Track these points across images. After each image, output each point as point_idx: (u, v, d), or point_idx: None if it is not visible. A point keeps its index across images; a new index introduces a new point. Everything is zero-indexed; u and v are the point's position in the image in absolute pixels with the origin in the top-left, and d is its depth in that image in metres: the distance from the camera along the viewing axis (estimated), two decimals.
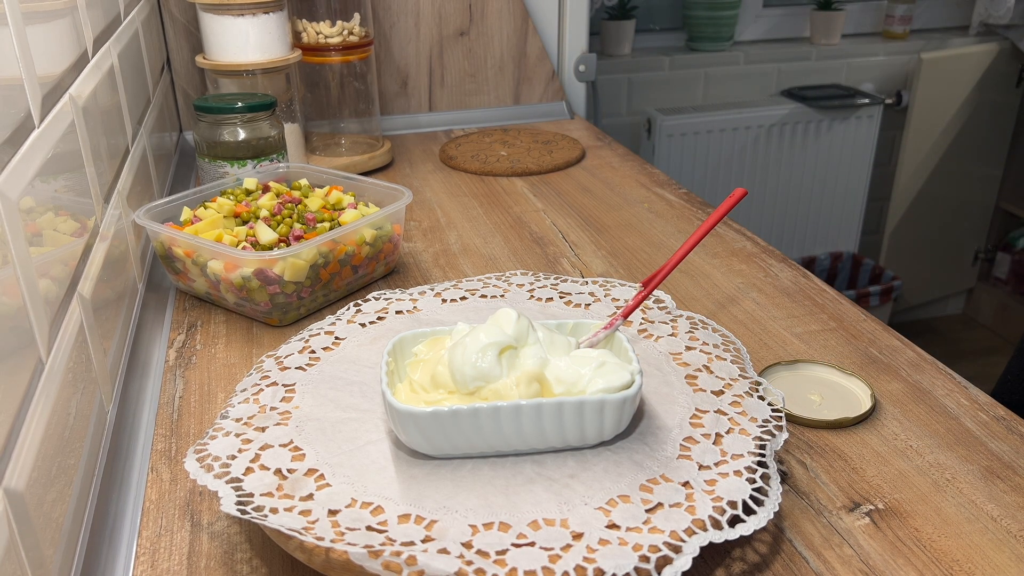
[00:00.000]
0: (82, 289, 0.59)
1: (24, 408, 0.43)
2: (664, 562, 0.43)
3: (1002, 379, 0.93)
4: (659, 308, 0.70)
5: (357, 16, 1.19)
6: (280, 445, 0.52)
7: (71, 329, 0.54)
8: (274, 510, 0.47)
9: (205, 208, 0.83)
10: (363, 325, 0.68)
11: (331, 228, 0.80)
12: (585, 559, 0.43)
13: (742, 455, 0.51)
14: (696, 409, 0.56)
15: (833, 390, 0.65)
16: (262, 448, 0.52)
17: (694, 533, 0.45)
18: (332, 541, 0.44)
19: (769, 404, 0.56)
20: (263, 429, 0.54)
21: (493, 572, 0.42)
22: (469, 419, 0.49)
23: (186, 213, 0.83)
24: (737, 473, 0.49)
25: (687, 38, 2.42)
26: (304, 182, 0.89)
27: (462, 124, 1.45)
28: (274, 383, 0.59)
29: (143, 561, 0.51)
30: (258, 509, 0.47)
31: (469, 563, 0.43)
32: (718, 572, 0.49)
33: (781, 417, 0.55)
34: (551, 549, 0.44)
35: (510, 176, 1.18)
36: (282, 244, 0.77)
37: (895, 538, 0.51)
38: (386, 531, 0.45)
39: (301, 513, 0.46)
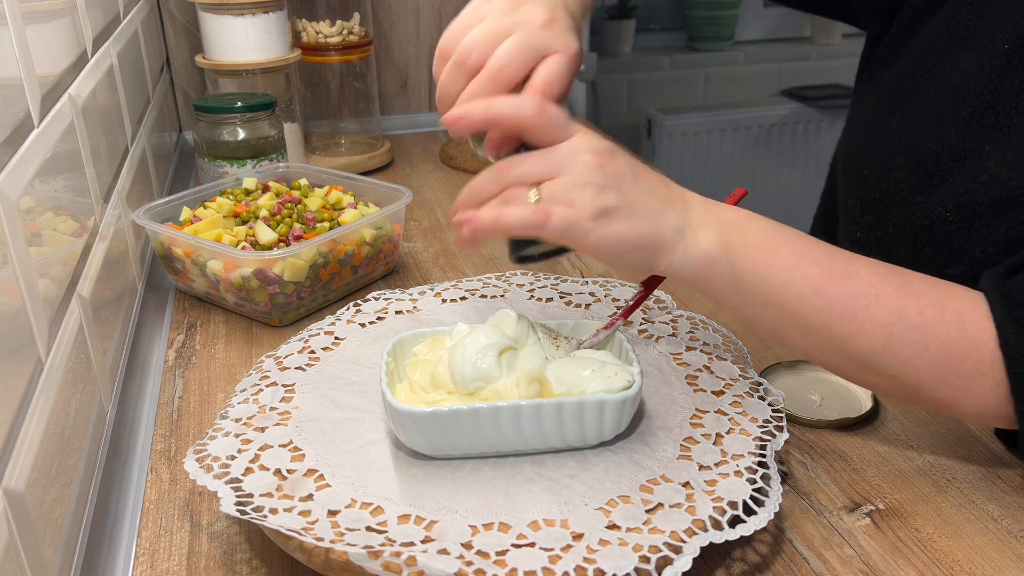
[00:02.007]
0: (81, 289, 0.59)
1: (24, 408, 0.43)
2: (664, 562, 0.43)
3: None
4: (659, 308, 0.70)
5: (357, 16, 1.19)
6: (280, 445, 0.52)
7: (70, 329, 0.54)
8: (274, 510, 0.47)
9: (205, 208, 0.83)
10: (363, 325, 0.68)
11: (331, 228, 0.80)
12: (585, 559, 0.43)
13: (742, 455, 0.51)
14: (696, 409, 0.56)
15: (833, 390, 0.65)
16: (262, 448, 0.52)
17: (694, 533, 0.45)
18: (332, 542, 0.43)
19: (770, 404, 0.56)
20: (263, 429, 0.54)
21: (493, 572, 0.42)
22: (469, 419, 0.49)
23: (186, 213, 0.83)
24: (737, 473, 0.49)
25: (687, 38, 2.42)
26: (304, 182, 0.89)
27: None
28: (274, 383, 0.59)
29: (143, 561, 0.51)
30: (258, 509, 0.47)
31: (469, 563, 0.42)
32: (718, 572, 0.49)
33: (782, 417, 0.55)
34: (551, 550, 0.44)
35: None
36: (282, 244, 0.77)
37: (896, 538, 0.51)
38: (386, 531, 0.45)
39: (301, 514, 0.46)
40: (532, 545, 0.44)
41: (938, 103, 0.62)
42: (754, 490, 0.48)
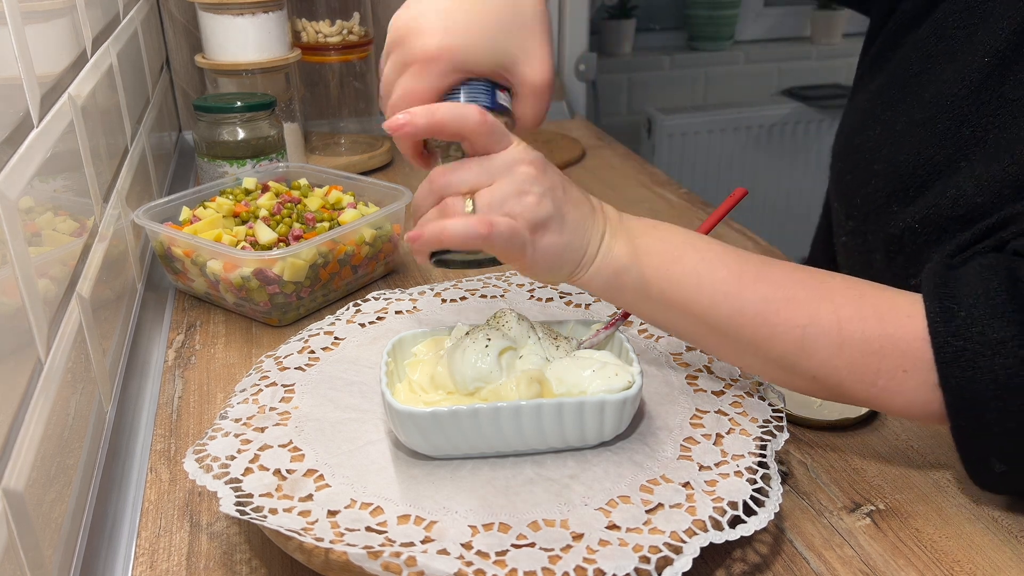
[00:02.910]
0: (81, 289, 0.59)
1: (23, 408, 0.43)
2: (664, 563, 0.43)
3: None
4: None
5: (356, 15, 1.19)
6: (279, 445, 0.52)
7: (70, 329, 0.54)
8: (273, 511, 0.46)
9: (204, 208, 0.83)
10: (363, 325, 0.67)
11: (330, 228, 0.80)
12: (585, 560, 0.43)
13: (743, 455, 0.51)
14: (696, 409, 0.55)
15: None
16: (261, 448, 0.52)
17: (695, 534, 0.45)
18: (331, 542, 0.43)
19: (770, 404, 0.56)
20: (262, 429, 0.54)
21: (493, 573, 0.42)
22: (469, 419, 0.49)
23: (185, 213, 0.83)
24: (738, 473, 0.49)
25: (687, 37, 2.42)
26: (303, 182, 0.89)
27: None
28: (273, 383, 0.59)
29: (142, 562, 0.51)
30: (257, 510, 0.47)
31: (469, 564, 0.42)
32: (719, 572, 0.49)
33: (782, 417, 0.55)
34: (551, 550, 0.44)
35: None
36: (281, 244, 0.77)
37: (896, 539, 0.51)
38: (386, 532, 0.45)
39: (300, 514, 0.46)
40: (532, 545, 0.44)
41: (919, 113, 0.61)
42: (754, 490, 0.48)
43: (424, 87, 0.51)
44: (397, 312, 0.70)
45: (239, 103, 0.95)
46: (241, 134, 0.96)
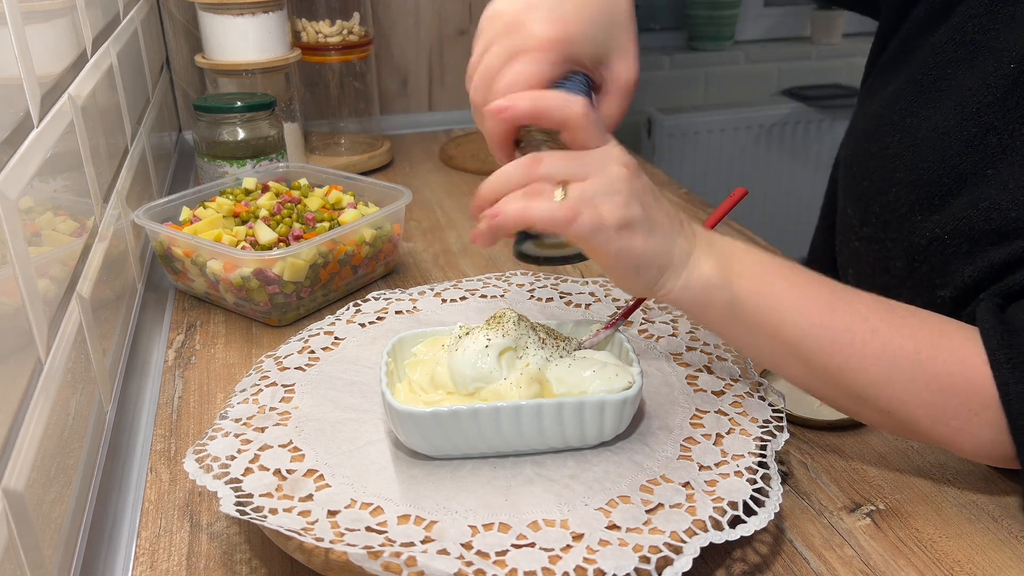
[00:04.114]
0: (81, 289, 0.59)
1: (23, 408, 0.43)
2: (665, 563, 0.43)
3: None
4: (659, 308, 0.70)
5: (357, 15, 1.19)
6: (279, 445, 0.52)
7: (70, 329, 0.54)
8: (273, 511, 0.46)
9: (204, 208, 0.83)
10: (363, 325, 0.67)
11: (331, 228, 0.80)
12: (585, 560, 0.43)
13: (743, 455, 0.51)
14: (697, 409, 0.55)
15: None
16: (261, 449, 0.52)
17: (695, 534, 0.45)
18: (331, 542, 0.43)
19: (770, 404, 0.56)
20: (262, 429, 0.54)
21: (493, 573, 0.42)
22: (469, 419, 0.49)
23: (185, 213, 0.83)
24: (738, 474, 0.49)
25: (687, 37, 2.42)
26: (303, 182, 0.89)
27: (462, 124, 1.45)
28: (273, 383, 0.59)
29: (142, 562, 0.51)
30: (257, 510, 0.47)
31: (469, 564, 0.42)
32: (719, 572, 0.49)
33: (782, 417, 0.55)
34: (551, 550, 0.44)
35: None
36: (281, 244, 0.77)
37: (896, 539, 0.51)
38: (386, 532, 0.45)
39: (300, 514, 0.46)
40: (532, 545, 0.44)
41: (942, 120, 0.61)
42: (754, 490, 0.48)
43: (538, 74, 0.52)
44: (397, 312, 0.70)
45: (239, 103, 0.95)
46: (241, 134, 0.96)
